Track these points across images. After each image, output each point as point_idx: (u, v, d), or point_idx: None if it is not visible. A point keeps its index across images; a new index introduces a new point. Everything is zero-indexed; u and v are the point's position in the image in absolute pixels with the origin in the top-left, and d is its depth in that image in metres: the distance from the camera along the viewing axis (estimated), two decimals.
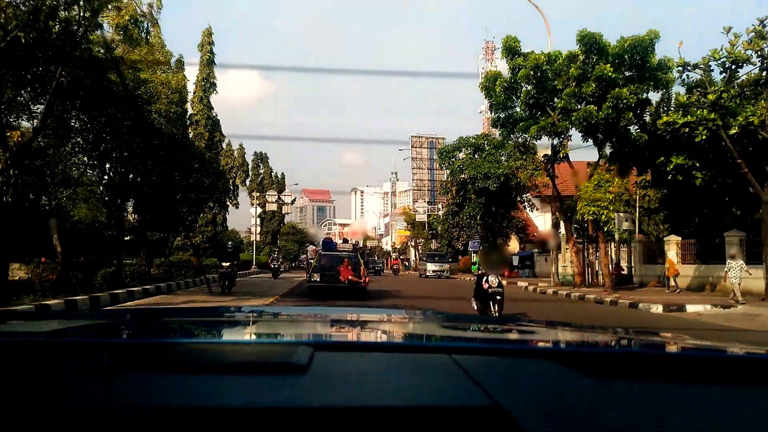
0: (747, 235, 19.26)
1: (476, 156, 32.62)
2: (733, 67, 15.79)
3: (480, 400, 0.75)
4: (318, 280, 16.03)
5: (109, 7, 10.89)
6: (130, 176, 17.34)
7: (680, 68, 16.86)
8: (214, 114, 32.00)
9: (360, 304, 14.08)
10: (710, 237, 21.15)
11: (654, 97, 19.93)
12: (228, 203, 32.15)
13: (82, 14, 10.43)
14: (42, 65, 10.80)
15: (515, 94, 20.32)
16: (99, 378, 0.82)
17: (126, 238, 20.28)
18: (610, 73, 18.08)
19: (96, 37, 11.60)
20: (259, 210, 42.70)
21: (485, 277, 10.30)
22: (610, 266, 27.57)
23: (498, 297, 10.07)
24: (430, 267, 37.93)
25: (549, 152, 22.35)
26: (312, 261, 18.43)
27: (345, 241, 20.23)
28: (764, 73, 16.12)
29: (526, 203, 34.74)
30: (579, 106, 18.79)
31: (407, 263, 63.88)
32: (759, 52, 15.79)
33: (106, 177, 16.06)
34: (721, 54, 15.77)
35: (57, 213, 14.91)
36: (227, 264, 16.68)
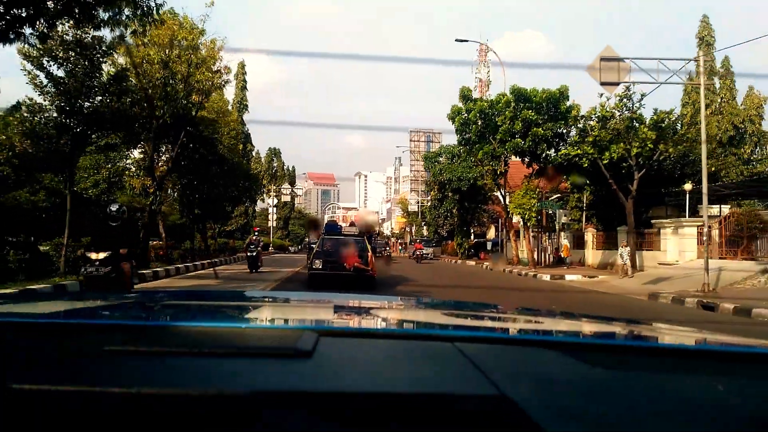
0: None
1: (453, 161, 40.60)
2: (604, 119, 23.70)
3: (484, 388, 0.74)
4: (320, 267, 14.21)
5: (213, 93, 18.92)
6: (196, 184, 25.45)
7: (574, 117, 24.87)
8: (246, 129, 39.99)
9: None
10: (612, 229, 29.15)
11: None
12: (256, 198, 40.52)
13: (199, 101, 18.48)
14: (172, 130, 18.79)
15: (468, 127, 28.30)
16: (100, 360, 0.82)
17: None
18: (532, 117, 26.02)
19: (204, 111, 19.68)
20: (275, 200, 50.86)
21: None
22: (550, 250, 35.75)
23: None
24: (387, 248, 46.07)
25: (516, 159, 30.14)
26: (313, 245, 16.29)
27: (351, 224, 19.34)
28: (632, 122, 24.05)
29: (492, 200, 42.71)
30: (511, 139, 26.75)
31: (402, 246, 71.63)
32: (624, 108, 23.73)
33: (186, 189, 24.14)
34: (597, 111, 23.72)
35: (161, 212, 23.02)
36: (101, 257, 8.75)
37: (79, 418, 0.65)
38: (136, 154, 22.57)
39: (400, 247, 69.60)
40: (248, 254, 20.28)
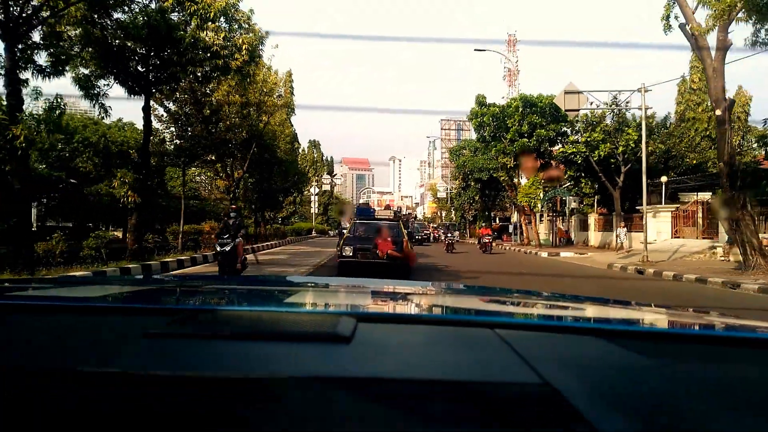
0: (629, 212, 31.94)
1: (476, 153, 45.55)
2: (594, 123, 28.44)
3: (527, 376, 0.74)
4: (350, 255, 13.34)
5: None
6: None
7: (571, 123, 29.70)
8: (293, 130, 45.60)
9: None
10: (611, 214, 33.84)
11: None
12: (303, 190, 46.36)
13: (266, 120, 24.03)
14: (246, 143, 24.40)
15: (484, 128, 33.34)
16: (141, 344, 0.84)
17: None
18: (536, 120, 30.91)
19: (269, 126, 25.27)
20: (317, 190, 56.65)
21: None
22: (558, 231, 40.39)
23: None
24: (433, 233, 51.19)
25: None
26: (345, 231, 15.55)
27: (387, 207, 18.21)
28: (620, 124, 28.72)
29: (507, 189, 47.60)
30: (519, 138, 31.69)
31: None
32: (612, 112, 28.43)
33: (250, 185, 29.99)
34: (588, 116, 28.47)
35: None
36: None
37: (121, 401, 0.66)
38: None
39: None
40: (219, 249, 12.11)
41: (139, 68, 15.84)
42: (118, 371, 0.72)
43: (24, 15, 11.63)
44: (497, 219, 54.85)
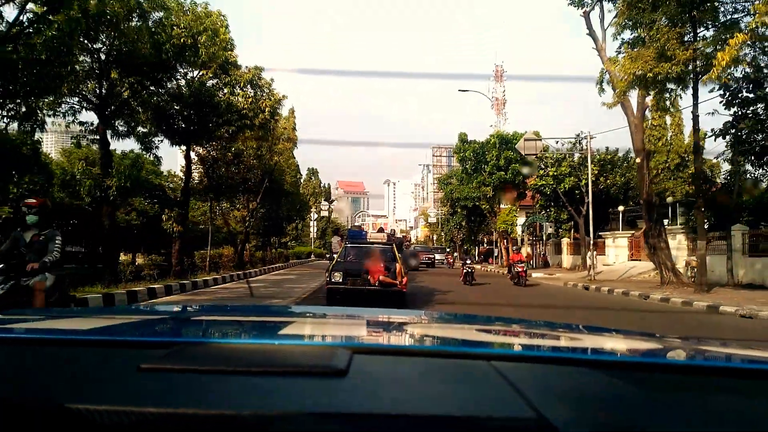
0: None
1: (462, 183, 49.89)
2: (558, 159, 32.72)
3: (522, 410, 0.73)
4: (339, 281, 12.65)
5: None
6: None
7: (540, 158, 34.04)
8: (296, 163, 49.89)
9: None
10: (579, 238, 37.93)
11: None
12: (305, 217, 50.66)
13: (277, 159, 28.16)
14: (260, 179, 28.49)
15: (466, 162, 37.66)
16: (135, 378, 0.82)
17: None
18: (511, 155, 35.20)
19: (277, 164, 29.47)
20: (315, 216, 60.85)
21: None
22: (528, 255, 44.28)
23: None
24: (436, 256, 55.14)
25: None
26: (335, 255, 14.97)
27: (380, 230, 17.81)
28: (583, 160, 32.97)
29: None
30: (497, 171, 35.98)
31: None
32: (576, 149, 32.71)
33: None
34: (554, 153, 32.78)
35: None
36: None
37: None
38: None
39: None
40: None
41: (182, 125, 19.95)
42: (111, 407, 0.70)
43: (111, 93, 15.77)
44: (485, 243, 58.90)
